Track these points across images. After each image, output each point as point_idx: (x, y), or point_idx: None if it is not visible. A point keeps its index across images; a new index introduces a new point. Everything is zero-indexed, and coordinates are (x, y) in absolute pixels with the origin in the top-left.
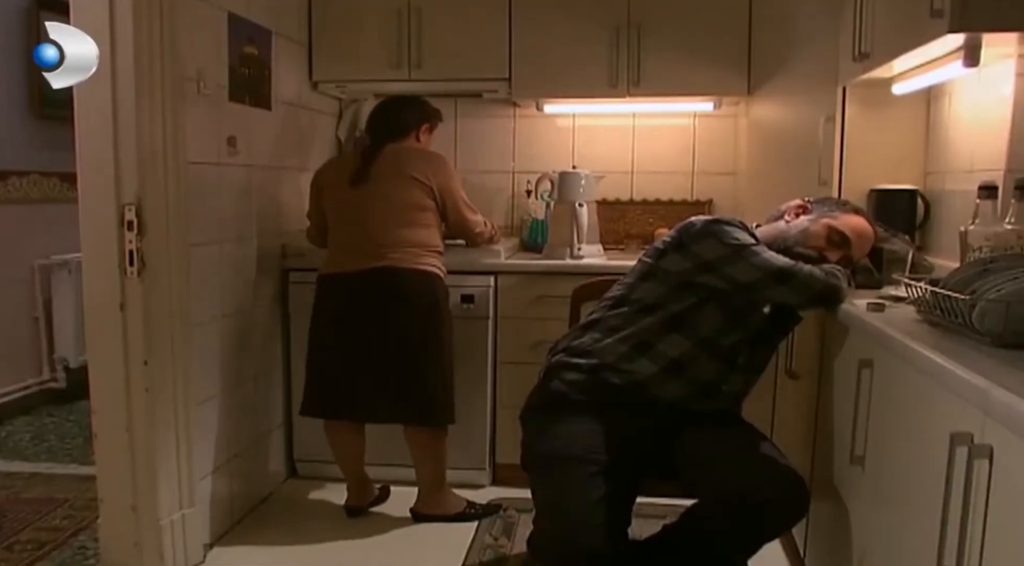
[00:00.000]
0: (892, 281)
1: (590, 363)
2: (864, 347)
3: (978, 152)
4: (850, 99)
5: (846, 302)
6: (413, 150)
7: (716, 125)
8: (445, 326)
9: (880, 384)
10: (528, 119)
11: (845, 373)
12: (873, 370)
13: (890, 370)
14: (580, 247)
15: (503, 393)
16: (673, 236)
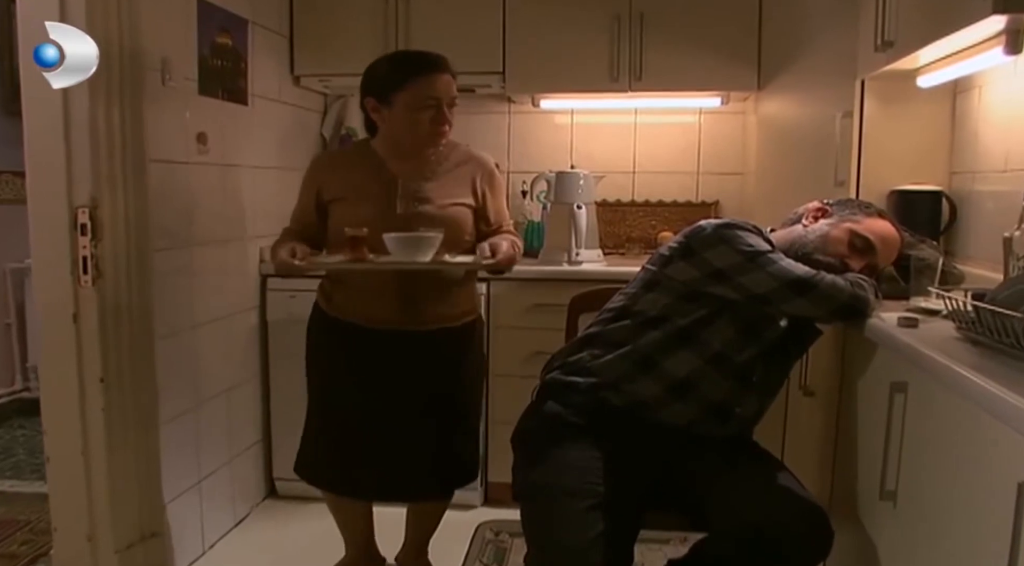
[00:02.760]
0: (921, 291)
1: (588, 382)
2: (896, 368)
3: (1015, 150)
4: (869, 93)
5: (873, 315)
6: None
7: (723, 122)
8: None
9: (916, 411)
10: (523, 115)
11: (872, 395)
12: (907, 395)
13: (930, 397)
14: (578, 252)
15: (496, 408)
16: (680, 242)
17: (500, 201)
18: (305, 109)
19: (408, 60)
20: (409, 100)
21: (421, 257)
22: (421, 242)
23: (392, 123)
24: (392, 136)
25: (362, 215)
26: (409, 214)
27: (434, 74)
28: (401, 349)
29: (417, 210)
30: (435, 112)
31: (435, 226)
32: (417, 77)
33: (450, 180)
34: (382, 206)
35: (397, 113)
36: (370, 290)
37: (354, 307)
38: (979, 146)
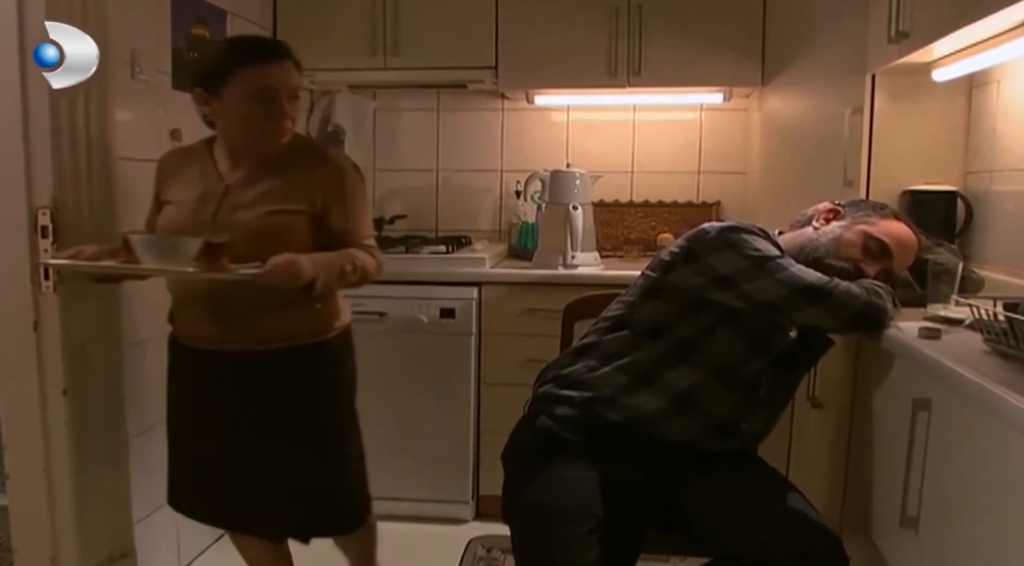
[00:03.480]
0: (939, 298)
1: (583, 396)
2: (918, 383)
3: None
4: (880, 88)
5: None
6: None
7: (725, 119)
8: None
9: (941, 431)
10: (518, 112)
11: (891, 411)
12: (931, 413)
13: (956, 416)
14: (574, 255)
15: (488, 417)
16: (682, 246)
17: (352, 209)
18: None
19: (239, 45)
20: (239, 92)
21: (171, 264)
22: (169, 247)
23: (223, 118)
24: (224, 133)
25: (176, 221)
26: (222, 222)
27: (269, 61)
28: (225, 371)
29: (232, 218)
30: (270, 106)
31: (249, 235)
32: (248, 65)
33: (286, 184)
34: (199, 212)
35: (227, 107)
36: (185, 304)
37: (179, 324)
38: (997, 144)
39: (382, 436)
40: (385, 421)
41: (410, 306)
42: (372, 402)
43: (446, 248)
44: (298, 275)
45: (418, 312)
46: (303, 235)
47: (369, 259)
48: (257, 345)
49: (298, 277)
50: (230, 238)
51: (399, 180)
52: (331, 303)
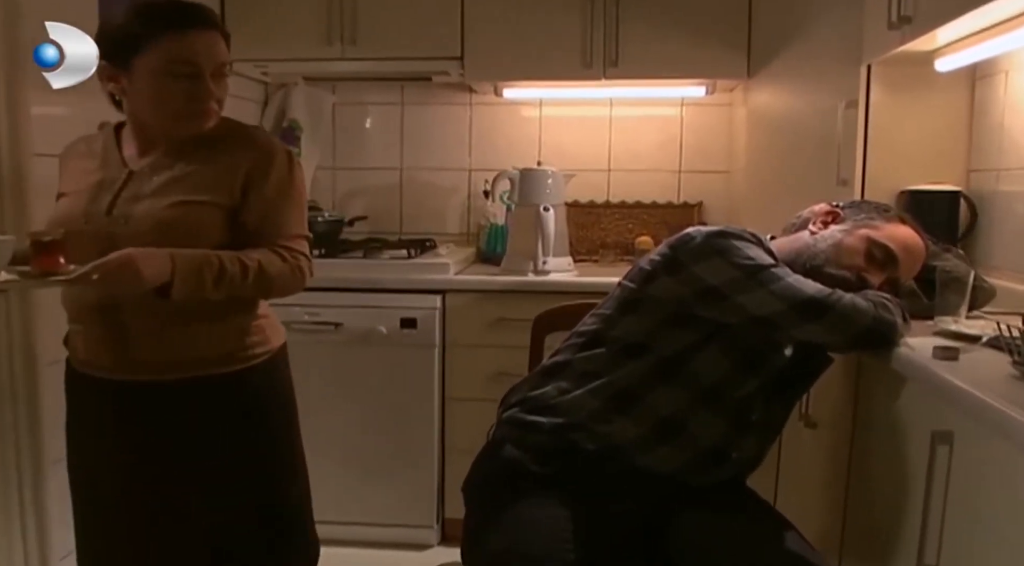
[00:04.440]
0: (949, 309)
1: (554, 422)
2: (936, 411)
3: None
4: (876, 80)
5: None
6: None
7: (708, 114)
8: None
9: (966, 470)
10: (486, 107)
11: (904, 442)
12: (953, 448)
13: (986, 453)
14: (545, 260)
15: (454, 435)
16: (664, 254)
17: (272, 202)
18: (241, 98)
19: (154, 9)
20: (154, 65)
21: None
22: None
23: (133, 97)
24: (134, 114)
25: (67, 214)
26: (119, 214)
27: (191, 29)
28: (119, 404)
29: (130, 209)
30: (193, 84)
31: (152, 229)
32: (165, 33)
33: (199, 171)
34: (94, 203)
35: (139, 83)
36: (77, 321)
37: (72, 345)
38: (1005, 140)
39: (339, 456)
40: (342, 440)
41: (368, 316)
42: (328, 420)
43: (407, 252)
44: (136, 277)
45: (377, 322)
46: (215, 231)
47: (278, 263)
48: (155, 374)
49: (136, 280)
50: (63, 234)
51: (360, 179)
52: (250, 324)
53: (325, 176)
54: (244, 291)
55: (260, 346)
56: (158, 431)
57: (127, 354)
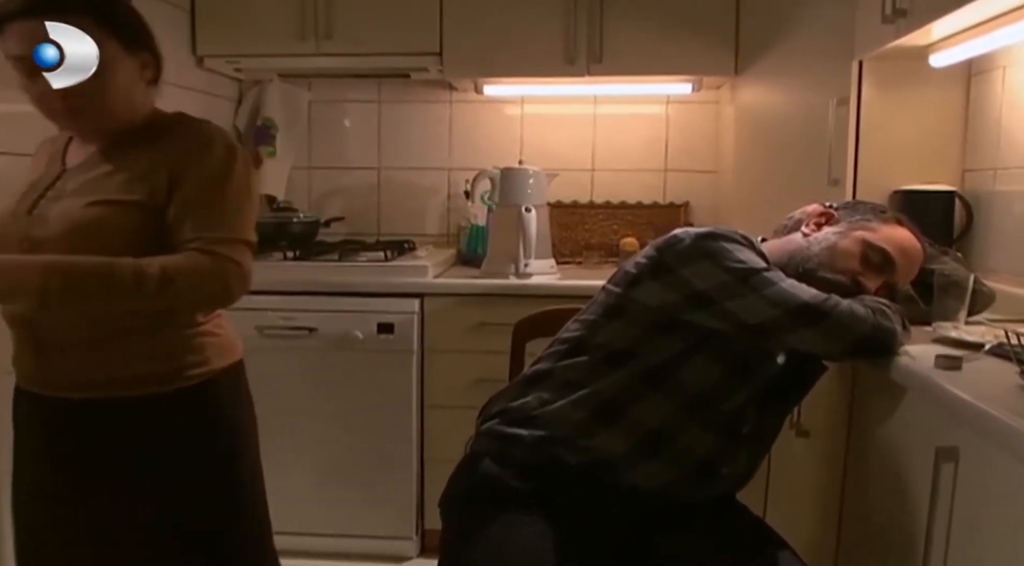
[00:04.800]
0: (947, 314)
1: (535, 435)
2: (939, 426)
3: None
4: (868, 76)
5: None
6: None
7: (695, 112)
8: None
9: (973, 489)
10: (467, 105)
11: (905, 456)
12: (959, 465)
13: (995, 472)
14: (527, 262)
15: (433, 444)
16: (651, 256)
17: (202, 200)
18: (214, 96)
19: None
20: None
21: None
22: None
23: None
24: None
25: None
26: (37, 215)
27: (8, 24)
28: (49, 423)
29: (49, 209)
30: (31, 82)
31: (68, 231)
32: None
33: (127, 170)
34: (20, 204)
35: None
36: (14, 334)
37: (16, 362)
38: (1002, 138)
39: (314, 466)
40: (317, 449)
41: (344, 320)
42: (302, 428)
43: (385, 255)
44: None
45: (353, 327)
46: (134, 234)
47: (190, 271)
48: (81, 392)
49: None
50: None
51: (337, 179)
52: (184, 342)
53: (301, 176)
54: (145, 303)
55: (197, 367)
56: (88, 453)
57: (50, 369)
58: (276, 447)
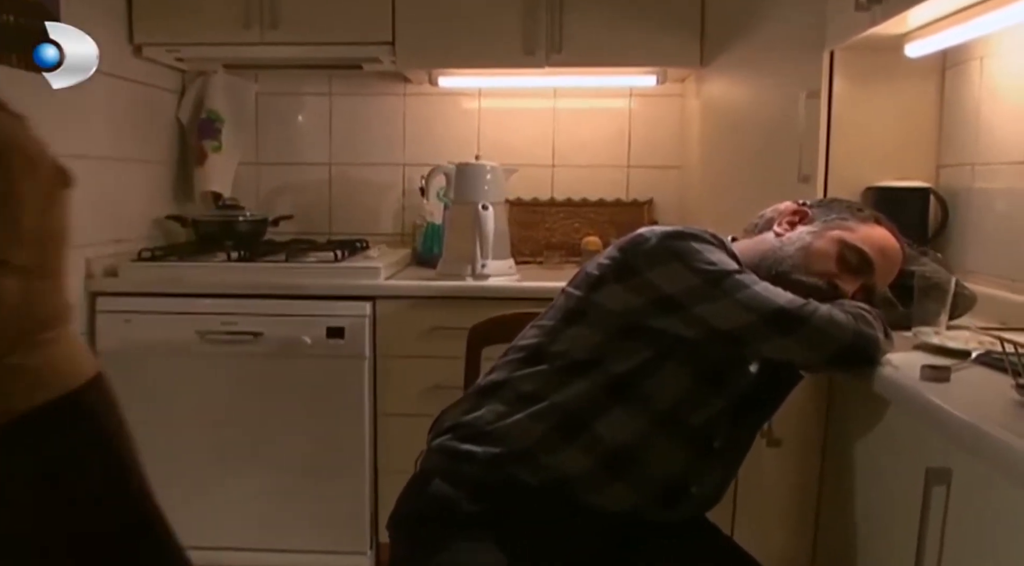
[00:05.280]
0: (927, 319)
1: (490, 452)
2: (929, 445)
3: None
4: (840, 68)
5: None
6: None
7: (659, 106)
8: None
9: (967, 514)
10: (422, 97)
11: (890, 475)
12: (951, 489)
13: (993, 499)
14: (484, 262)
15: (387, 454)
16: (614, 257)
17: None
18: (153, 87)
19: None
20: None
21: None
22: None
23: None
24: None
25: None
26: None
27: None
28: None
29: None
30: None
31: None
32: None
33: None
34: None
35: None
36: None
37: None
38: (981, 132)
39: (260, 478)
40: (263, 461)
41: (291, 325)
42: (247, 438)
43: (335, 255)
44: None
45: (301, 332)
46: None
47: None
48: None
49: None
50: None
51: (286, 175)
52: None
53: (248, 172)
54: None
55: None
56: None
57: None
58: (218, 459)
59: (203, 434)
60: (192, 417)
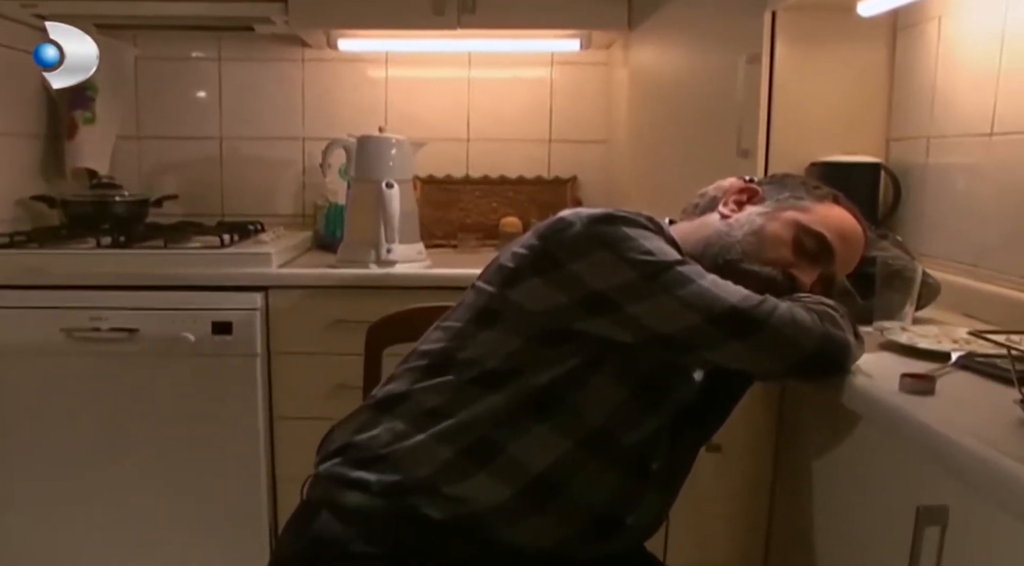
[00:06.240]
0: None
1: (386, 480)
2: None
3: (1008, 106)
4: (783, 30)
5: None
6: None
7: (583, 75)
8: None
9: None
10: (322, 64)
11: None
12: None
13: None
14: (390, 247)
15: (286, 461)
16: (532, 245)
17: None
18: (11, 49)
19: None
20: None
21: None
22: None
23: None
24: None
25: None
26: None
27: None
28: None
29: None
30: None
31: None
32: None
33: None
34: None
35: None
36: None
37: None
38: (938, 102)
39: (142, 494)
40: (144, 474)
41: (171, 320)
42: (123, 450)
43: (220, 240)
44: None
45: (182, 328)
46: None
47: None
48: None
49: None
50: None
51: (171, 150)
52: None
53: (128, 147)
54: None
55: None
56: None
57: None
58: (91, 474)
59: (72, 446)
60: (58, 426)
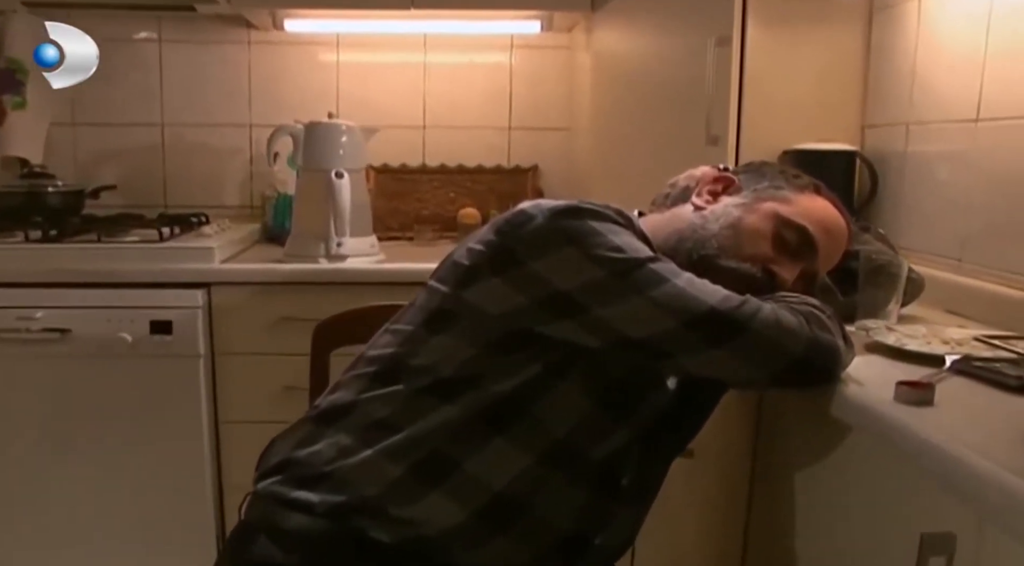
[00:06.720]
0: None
1: (330, 501)
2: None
3: (994, 90)
4: (754, 11)
5: None
6: None
7: (544, 59)
8: None
9: None
10: (270, 47)
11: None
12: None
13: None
14: (340, 241)
15: (233, 468)
16: (490, 241)
17: None
18: None
19: None
20: None
21: None
22: None
23: None
24: None
25: None
26: None
27: None
28: None
29: None
30: None
31: None
32: None
33: None
34: None
35: None
36: None
37: None
38: (917, 87)
39: (77, 507)
40: (79, 485)
41: (107, 319)
42: (56, 459)
43: (159, 234)
44: None
45: (119, 328)
46: None
47: None
48: None
49: None
50: None
51: (109, 138)
52: None
53: (63, 134)
54: None
55: None
56: None
57: None
58: (22, 485)
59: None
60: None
